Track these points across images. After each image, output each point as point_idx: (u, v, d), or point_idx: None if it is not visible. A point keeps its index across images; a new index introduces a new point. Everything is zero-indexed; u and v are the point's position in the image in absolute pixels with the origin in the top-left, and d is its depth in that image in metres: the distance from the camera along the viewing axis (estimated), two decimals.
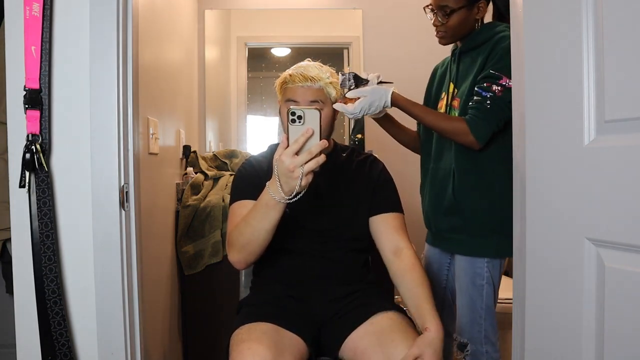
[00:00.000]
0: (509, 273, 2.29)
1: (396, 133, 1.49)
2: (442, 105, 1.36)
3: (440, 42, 1.33)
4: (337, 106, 1.20)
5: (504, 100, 1.14)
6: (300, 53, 2.40)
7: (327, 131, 1.20)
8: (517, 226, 1.02)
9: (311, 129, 0.88)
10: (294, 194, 0.90)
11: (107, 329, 1.06)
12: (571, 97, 0.81)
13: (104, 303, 1.06)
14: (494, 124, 1.18)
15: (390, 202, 1.23)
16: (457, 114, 1.27)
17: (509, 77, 1.09)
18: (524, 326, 0.97)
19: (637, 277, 0.72)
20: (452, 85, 1.32)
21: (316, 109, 0.90)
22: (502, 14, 1.30)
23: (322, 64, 1.21)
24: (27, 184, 0.99)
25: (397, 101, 1.25)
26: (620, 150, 0.73)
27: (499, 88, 1.16)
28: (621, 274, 0.74)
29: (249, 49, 2.44)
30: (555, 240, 0.86)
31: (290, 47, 2.44)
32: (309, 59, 1.22)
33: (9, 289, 1.49)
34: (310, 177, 0.89)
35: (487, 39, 1.23)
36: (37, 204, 1.00)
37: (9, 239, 1.38)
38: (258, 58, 2.45)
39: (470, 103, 1.21)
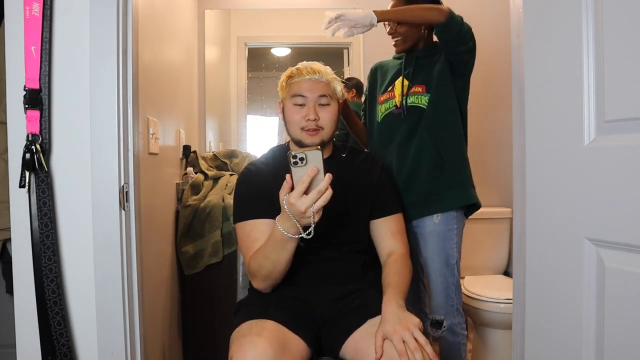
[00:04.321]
0: (509, 273, 2.29)
1: (351, 124, 1.70)
2: (389, 97, 1.54)
3: (397, 48, 1.54)
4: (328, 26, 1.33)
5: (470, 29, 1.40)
6: (300, 53, 2.40)
7: (334, 127, 1.21)
8: (517, 226, 1.02)
9: (315, 168, 0.88)
10: (307, 229, 0.93)
11: (107, 329, 1.06)
12: (571, 97, 0.81)
13: (104, 303, 1.06)
14: (465, 24, 1.38)
15: (390, 204, 1.25)
16: (426, 99, 1.45)
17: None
18: (524, 326, 0.97)
19: (637, 277, 0.72)
20: (405, 81, 1.51)
21: (317, 148, 0.90)
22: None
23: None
24: (27, 184, 0.99)
25: (383, 15, 1.38)
26: (620, 150, 0.73)
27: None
28: (621, 274, 0.74)
29: (249, 49, 2.43)
30: (555, 240, 0.86)
31: (290, 47, 2.44)
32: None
33: (9, 289, 1.49)
34: (321, 212, 0.91)
35: (438, 50, 1.49)
36: (37, 204, 1.00)
37: (9, 239, 1.38)
38: (258, 58, 2.45)
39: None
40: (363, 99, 1.73)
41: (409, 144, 1.47)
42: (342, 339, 1.09)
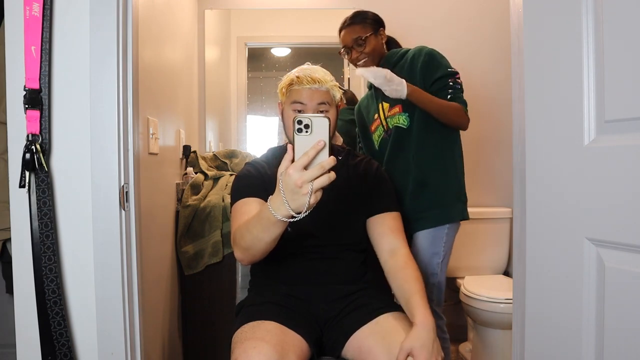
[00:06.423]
0: (509, 273, 2.29)
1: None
2: (378, 124, 1.58)
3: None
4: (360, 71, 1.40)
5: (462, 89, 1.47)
6: (300, 53, 2.40)
7: (332, 134, 1.21)
8: (517, 226, 1.02)
9: (323, 142, 0.78)
10: (299, 212, 0.80)
11: (107, 329, 1.06)
12: (571, 97, 0.81)
13: (104, 303, 1.06)
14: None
15: (387, 201, 1.24)
16: (404, 118, 1.49)
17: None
18: (524, 326, 0.97)
19: (637, 277, 0.72)
20: (385, 105, 1.55)
21: (325, 116, 0.80)
22: (391, 40, 1.64)
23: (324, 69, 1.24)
24: (27, 184, 0.99)
25: (413, 92, 1.40)
26: (620, 150, 0.73)
27: (460, 80, 1.46)
28: (621, 274, 0.74)
29: (249, 49, 2.43)
30: (555, 240, 0.86)
31: (290, 47, 2.44)
32: (309, 63, 1.25)
33: (9, 289, 1.49)
34: (319, 195, 0.79)
35: (399, 59, 1.54)
36: (37, 204, 1.00)
37: (9, 239, 1.38)
38: (258, 58, 2.45)
39: (449, 96, 1.44)
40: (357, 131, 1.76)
41: (394, 161, 1.52)
42: (344, 338, 1.09)
